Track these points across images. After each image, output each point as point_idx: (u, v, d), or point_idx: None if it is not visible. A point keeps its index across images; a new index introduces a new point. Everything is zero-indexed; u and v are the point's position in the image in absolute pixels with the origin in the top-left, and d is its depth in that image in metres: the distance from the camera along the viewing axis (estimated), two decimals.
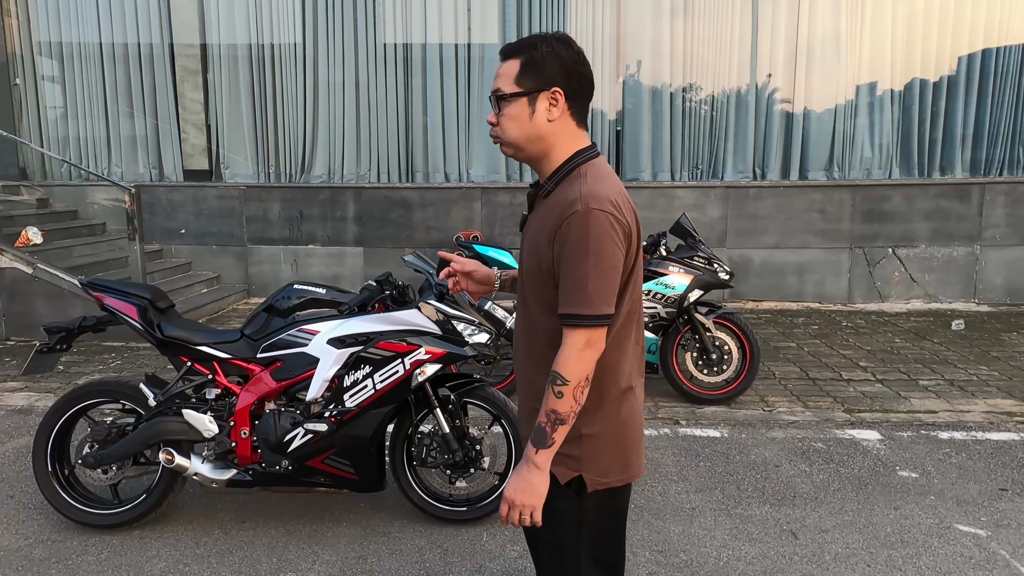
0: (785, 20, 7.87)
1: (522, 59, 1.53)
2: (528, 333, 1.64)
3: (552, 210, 1.53)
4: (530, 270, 1.58)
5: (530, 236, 1.61)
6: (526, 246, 1.62)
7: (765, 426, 4.24)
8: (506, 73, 1.55)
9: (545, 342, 1.56)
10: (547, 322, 1.56)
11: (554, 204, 1.53)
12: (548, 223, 1.52)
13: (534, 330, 1.62)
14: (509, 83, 1.54)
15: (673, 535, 3.02)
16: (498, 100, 1.55)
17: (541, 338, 1.59)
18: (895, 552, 2.89)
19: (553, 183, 1.56)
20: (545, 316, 1.57)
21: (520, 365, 1.69)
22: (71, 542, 2.99)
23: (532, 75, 1.52)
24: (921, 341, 6.24)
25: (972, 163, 7.97)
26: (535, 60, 1.52)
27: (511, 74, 1.53)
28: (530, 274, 1.58)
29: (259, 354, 2.97)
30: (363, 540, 2.99)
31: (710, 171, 8.13)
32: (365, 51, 8.12)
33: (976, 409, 4.53)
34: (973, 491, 3.41)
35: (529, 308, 1.62)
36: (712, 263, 4.56)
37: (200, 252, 8.17)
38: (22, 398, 4.78)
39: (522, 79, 1.52)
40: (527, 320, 1.64)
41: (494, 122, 1.58)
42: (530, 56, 1.52)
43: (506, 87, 1.54)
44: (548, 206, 1.55)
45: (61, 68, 8.44)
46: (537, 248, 1.55)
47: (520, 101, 1.53)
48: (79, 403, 3.04)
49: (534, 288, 1.58)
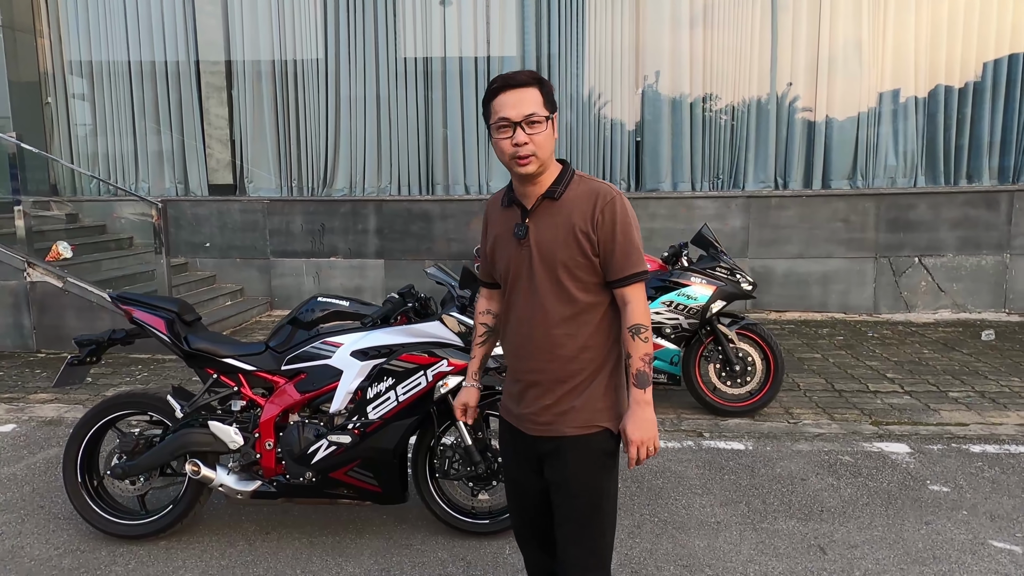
0: (806, 28, 7.82)
1: (539, 88, 1.78)
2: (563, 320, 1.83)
3: (578, 204, 1.81)
4: (571, 258, 1.81)
5: (553, 231, 1.82)
6: (551, 241, 1.82)
7: (790, 438, 4.18)
8: (533, 99, 1.76)
9: (593, 316, 1.84)
10: (588, 297, 1.83)
11: (576, 199, 1.82)
12: (577, 214, 1.80)
13: (577, 311, 1.83)
14: (541, 108, 1.77)
15: (698, 549, 2.98)
16: (533, 123, 1.76)
17: (588, 315, 1.84)
18: (927, 568, 2.82)
19: (563, 186, 1.84)
20: (585, 293, 1.83)
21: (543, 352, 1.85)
22: (99, 552, 3.03)
23: (550, 101, 1.80)
24: (950, 352, 6.12)
25: (1000, 170, 7.82)
26: (548, 89, 1.81)
27: (538, 100, 1.77)
28: (572, 261, 1.81)
29: (283, 366, 3.00)
30: (386, 552, 3.00)
31: (731, 181, 8.08)
32: (386, 65, 8.22)
33: (1009, 422, 4.42)
34: (1007, 506, 3.33)
35: (567, 292, 1.83)
36: (735, 273, 4.52)
37: (224, 265, 8.29)
38: (52, 409, 4.87)
39: (546, 104, 1.79)
40: (560, 307, 1.83)
41: (527, 140, 1.76)
42: (543, 86, 1.80)
43: (540, 111, 1.77)
44: (566, 204, 1.82)
45: (91, 86, 8.65)
46: (573, 238, 1.80)
47: (550, 122, 1.79)
48: (108, 415, 3.09)
49: (573, 274, 1.82)
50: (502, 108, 1.76)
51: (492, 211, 2.00)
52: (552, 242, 1.82)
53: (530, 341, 1.87)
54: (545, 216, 1.84)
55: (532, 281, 1.84)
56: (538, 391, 1.88)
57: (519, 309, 1.89)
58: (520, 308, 1.89)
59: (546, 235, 1.83)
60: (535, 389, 1.88)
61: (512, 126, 1.75)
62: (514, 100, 1.75)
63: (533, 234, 1.84)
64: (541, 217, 1.84)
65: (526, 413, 1.91)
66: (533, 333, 1.86)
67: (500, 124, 1.76)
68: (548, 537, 2.04)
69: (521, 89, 1.76)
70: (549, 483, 1.92)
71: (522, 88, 1.76)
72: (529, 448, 1.93)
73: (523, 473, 1.99)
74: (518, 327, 1.90)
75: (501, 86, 1.77)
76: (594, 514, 1.87)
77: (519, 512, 2.06)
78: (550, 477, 1.91)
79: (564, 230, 1.80)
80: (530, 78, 1.78)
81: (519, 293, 1.89)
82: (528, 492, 2.00)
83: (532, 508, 2.01)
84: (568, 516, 1.88)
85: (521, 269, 1.87)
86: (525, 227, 1.85)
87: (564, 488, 1.87)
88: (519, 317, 1.90)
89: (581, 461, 1.84)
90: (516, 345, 1.92)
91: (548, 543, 2.05)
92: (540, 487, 1.96)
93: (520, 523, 2.08)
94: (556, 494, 1.90)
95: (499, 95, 1.77)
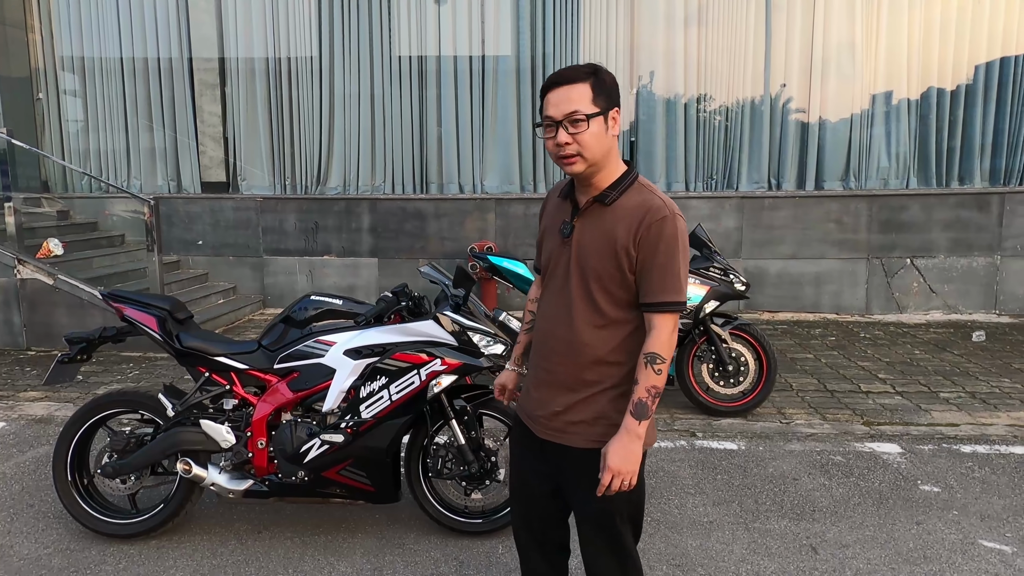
0: (800, 29, 7.85)
1: (590, 83, 1.68)
2: (589, 327, 1.77)
3: (625, 215, 1.72)
4: (605, 270, 1.74)
5: (595, 239, 1.76)
6: (590, 248, 1.76)
7: (783, 438, 4.20)
8: (579, 97, 1.67)
9: (620, 332, 1.77)
10: (617, 313, 1.76)
11: (626, 210, 1.73)
12: (622, 226, 1.71)
13: (604, 323, 1.76)
14: (588, 104, 1.68)
15: (691, 549, 2.99)
16: (576, 121, 1.67)
17: (614, 329, 1.76)
18: (918, 568, 2.84)
19: (618, 192, 1.75)
20: (615, 308, 1.76)
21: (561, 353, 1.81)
22: (89, 551, 3.01)
23: (603, 96, 1.69)
24: (941, 353, 6.15)
25: (991, 172, 7.88)
26: (603, 83, 1.70)
27: (586, 97, 1.67)
28: (607, 274, 1.74)
29: (276, 365, 2.98)
30: (379, 552, 2.99)
31: (725, 181, 8.10)
32: (380, 64, 8.20)
33: (999, 422, 4.45)
34: (997, 506, 3.35)
35: (595, 303, 1.76)
36: (728, 274, 4.53)
37: (217, 263, 8.25)
38: (42, 408, 4.84)
39: (596, 99, 1.68)
40: (587, 314, 1.77)
41: (568, 141, 1.69)
42: (597, 79, 1.69)
43: (585, 108, 1.67)
44: (616, 212, 1.74)
45: (83, 82, 8.60)
46: (612, 251, 1.72)
47: (598, 119, 1.69)
48: (98, 413, 3.07)
49: (606, 287, 1.75)
50: (547, 106, 1.71)
51: (550, 200, 1.96)
52: (592, 249, 1.76)
53: (551, 339, 1.85)
54: (593, 220, 1.78)
55: (567, 282, 1.81)
56: (549, 392, 1.85)
57: (549, 305, 1.87)
58: (550, 304, 1.87)
59: (588, 240, 1.77)
60: (547, 390, 1.86)
61: (555, 125, 1.69)
62: (558, 98, 1.69)
63: (577, 235, 1.80)
64: (589, 220, 1.78)
65: (537, 414, 1.89)
66: (555, 332, 1.83)
67: (545, 123, 1.72)
68: (547, 539, 2.03)
69: (568, 86, 1.68)
70: (562, 487, 1.91)
71: (569, 85, 1.68)
72: (538, 447, 1.92)
73: (530, 470, 1.97)
74: (543, 322, 1.89)
75: (551, 83, 1.71)
76: (609, 518, 1.84)
77: (521, 510, 2.04)
78: (562, 481, 1.90)
79: (605, 240, 1.73)
80: (582, 72, 1.69)
81: (553, 290, 1.86)
82: (534, 491, 1.98)
83: (535, 507, 2.00)
84: (585, 518, 1.88)
85: (559, 266, 1.84)
86: (571, 226, 1.81)
87: (576, 495, 1.87)
88: (546, 313, 1.88)
89: (591, 475, 1.78)
90: (538, 340, 1.91)
91: (547, 545, 2.03)
92: (546, 488, 1.95)
93: (521, 522, 2.05)
94: (570, 498, 1.90)
95: (548, 92, 1.72)
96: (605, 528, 1.85)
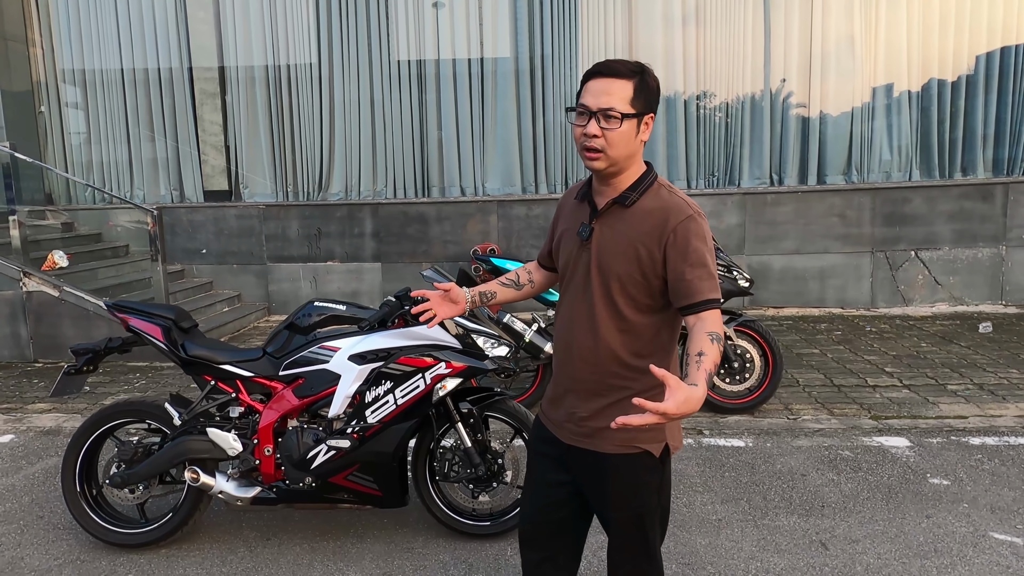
0: (798, 24, 7.83)
1: (634, 82, 1.64)
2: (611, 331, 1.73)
3: (647, 217, 1.69)
4: (627, 273, 1.70)
5: (615, 241, 1.72)
6: (610, 251, 1.72)
7: (790, 434, 4.18)
8: (619, 93, 1.63)
9: (643, 335, 1.73)
10: (639, 316, 1.72)
11: (647, 211, 1.69)
12: (644, 228, 1.68)
13: (626, 326, 1.72)
14: (624, 103, 1.63)
15: (700, 547, 2.98)
16: (609, 117, 1.63)
17: (637, 332, 1.73)
18: (929, 562, 2.82)
19: (638, 193, 1.71)
20: (637, 312, 1.72)
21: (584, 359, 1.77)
22: (99, 562, 3.01)
23: (643, 98, 1.65)
24: (948, 345, 6.12)
25: (995, 162, 7.85)
26: (647, 85, 1.66)
27: (625, 95, 1.63)
28: (627, 277, 1.70)
29: (281, 371, 2.99)
30: (387, 556, 2.99)
31: (726, 178, 8.09)
32: (379, 69, 8.21)
33: (1008, 414, 4.43)
34: (1008, 498, 3.33)
35: (617, 307, 1.72)
36: (731, 271, 4.52)
37: (221, 271, 8.28)
38: (50, 419, 4.86)
39: (635, 101, 1.64)
40: (609, 318, 1.73)
41: (597, 134, 1.64)
42: (642, 80, 1.65)
43: (622, 107, 1.63)
44: (637, 214, 1.70)
45: (84, 95, 8.64)
46: (634, 253, 1.68)
47: (632, 121, 1.65)
48: (106, 423, 3.08)
49: (627, 290, 1.71)
50: (586, 94, 1.66)
51: (566, 202, 1.91)
52: (612, 252, 1.72)
53: (573, 346, 1.80)
54: (613, 222, 1.73)
55: (587, 286, 1.76)
56: (574, 399, 1.81)
57: (569, 310, 1.82)
58: (570, 310, 1.82)
59: (609, 243, 1.73)
60: (572, 396, 1.82)
61: (588, 115, 1.64)
62: (599, 89, 1.64)
63: (596, 238, 1.75)
64: (609, 222, 1.74)
65: (563, 420, 1.85)
66: (577, 338, 1.79)
67: (579, 110, 1.67)
68: (553, 547, 1.96)
69: (611, 79, 1.64)
70: (587, 493, 1.87)
71: (613, 78, 1.64)
72: (562, 454, 1.87)
73: (548, 477, 1.92)
74: (564, 329, 1.83)
75: (594, 71, 1.66)
76: (636, 525, 1.82)
77: (532, 515, 1.97)
78: (588, 490, 1.85)
79: (627, 242, 1.69)
80: (629, 69, 1.64)
81: (572, 294, 1.81)
82: (549, 499, 1.92)
83: (548, 515, 1.93)
84: (616, 520, 1.84)
85: (578, 270, 1.79)
86: (590, 229, 1.76)
87: (604, 502, 1.82)
88: (567, 319, 1.83)
89: (622, 480, 1.75)
90: (560, 348, 1.86)
91: (553, 552, 1.96)
92: (561, 496, 1.90)
93: (530, 527, 1.98)
94: (596, 505, 1.87)
95: (590, 80, 1.66)
96: (638, 530, 1.82)
